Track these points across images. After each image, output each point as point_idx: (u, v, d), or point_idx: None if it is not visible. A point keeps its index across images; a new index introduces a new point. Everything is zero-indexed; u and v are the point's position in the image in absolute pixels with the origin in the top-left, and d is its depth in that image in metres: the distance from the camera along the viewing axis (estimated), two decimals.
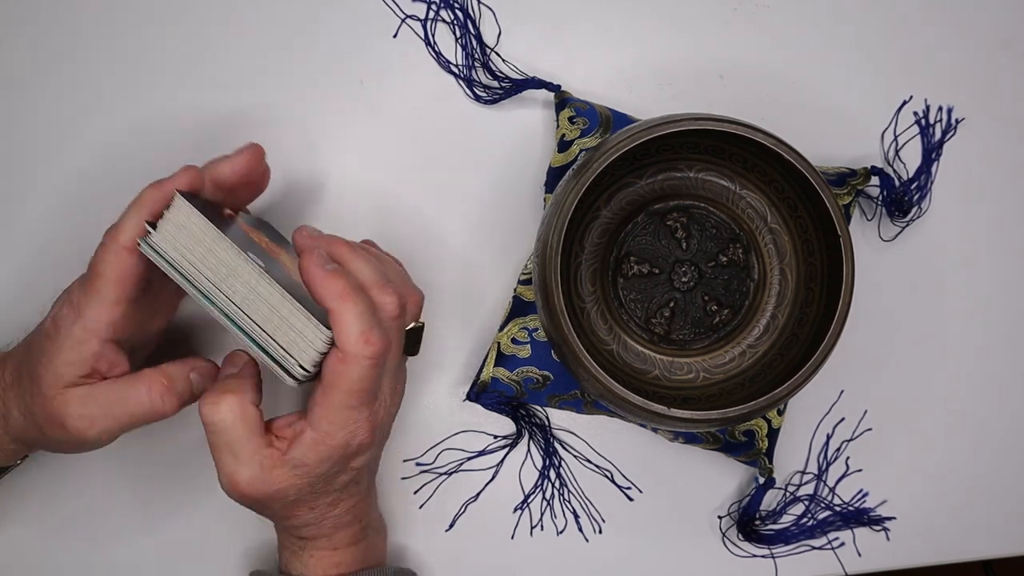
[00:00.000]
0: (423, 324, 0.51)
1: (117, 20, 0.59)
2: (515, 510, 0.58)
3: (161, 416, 0.46)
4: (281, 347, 0.43)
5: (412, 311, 0.49)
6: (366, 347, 0.42)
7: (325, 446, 0.44)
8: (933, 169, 0.61)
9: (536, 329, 0.56)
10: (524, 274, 0.57)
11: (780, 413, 0.56)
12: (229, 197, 0.49)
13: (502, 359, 0.56)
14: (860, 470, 0.59)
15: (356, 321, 0.42)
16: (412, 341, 0.50)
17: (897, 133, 0.61)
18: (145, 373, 0.46)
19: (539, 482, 0.58)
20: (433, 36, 0.59)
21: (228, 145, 0.49)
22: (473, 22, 0.59)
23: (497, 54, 0.59)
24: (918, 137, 0.61)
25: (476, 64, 0.59)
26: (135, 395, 0.45)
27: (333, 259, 0.45)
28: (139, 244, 0.43)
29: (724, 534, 0.58)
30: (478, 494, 0.58)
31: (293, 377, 0.44)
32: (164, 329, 0.51)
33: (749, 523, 0.57)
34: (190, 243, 0.43)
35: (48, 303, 0.48)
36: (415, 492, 0.58)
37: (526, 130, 0.59)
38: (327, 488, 0.47)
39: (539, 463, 0.58)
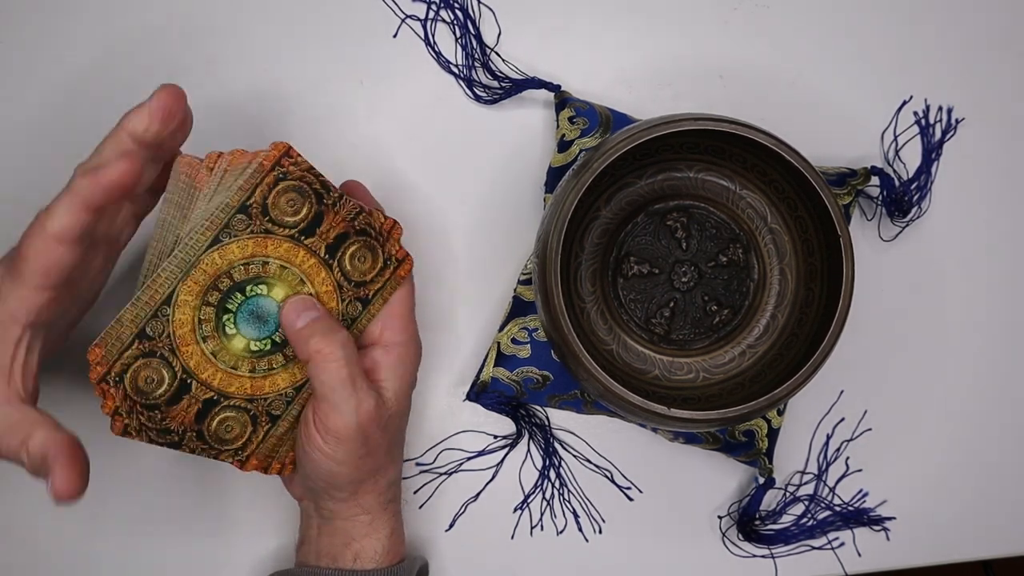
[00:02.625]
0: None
1: (117, 19, 0.59)
2: (515, 510, 0.58)
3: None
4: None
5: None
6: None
7: (404, 355, 0.49)
8: (933, 169, 0.61)
9: (536, 329, 0.56)
10: (524, 274, 0.57)
11: (780, 413, 0.56)
12: (157, 153, 0.46)
13: (502, 359, 0.56)
14: (860, 470, 0.59)
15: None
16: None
17: (897, 133, 0.61)
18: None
19: (539, 482, 0.58)
20: (433, 36, 0.59)
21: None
22: (473, 22, 0.59)
23: (497, 54, 0.59)
24: (918, 137, 0.61)
25: (476, 64, 0.59)
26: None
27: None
28: (284, 147, 0.46)
29: (724, 534, 0.58)
30: (478, 494, 0.58)
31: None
32: (80, 319, 0.50)
33: (749, 523, 0.57)
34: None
35: None
36: (415, 492, 0.58)
37: (526, 130, 0.59)
38: (402, 425, 0.51)
39: (539, 463, 0.58)
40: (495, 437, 0.58)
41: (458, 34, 0.59)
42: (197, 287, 0.45)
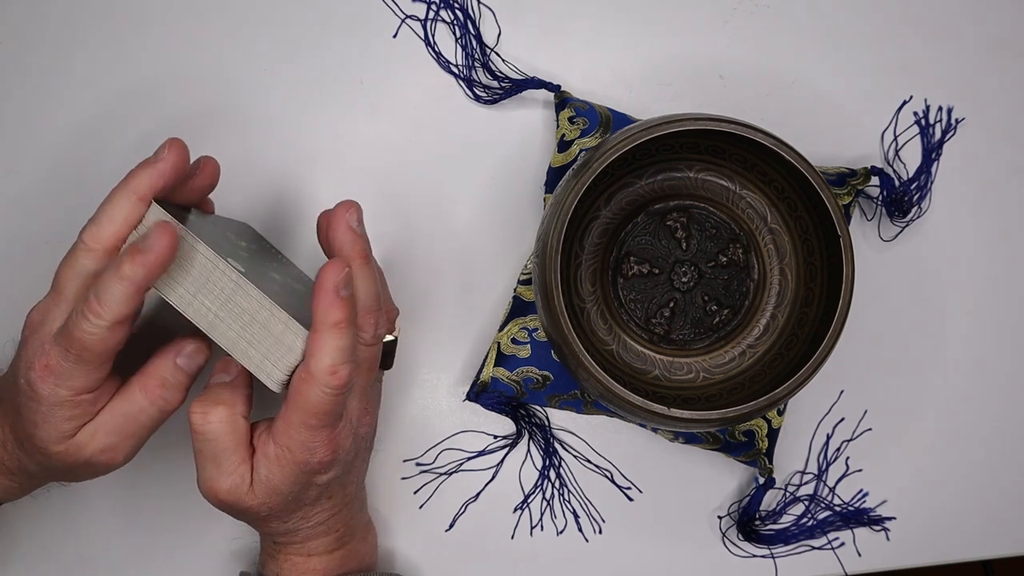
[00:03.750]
0: (395, 339, 0.51)
1: (115, 19, 0.59)
2: (515, 510, 0.58)
3: (171, 411, 0.46)
4: (259, 356, 0.43)
5: (386, 326, 0.49)
6: (331, 378, 0.42)
7: (286, 461, 0.44)
8: (933, 169, 0.61)
9: (536, 329, 0.56)
10: (524, 274, 0.57)
11: (780, 413, 0.56)
12: (181, 196, 0.48)
13: (502, 359, 0.56)
14: (860, 470, 0.59)
15: (332, 353, 0.42)
16: (385, 353, 0.50)
17: (897, 133, 0.61)
18: (134, 382, 0.45)
19: (539, 482, 0.58)
20: (433, 36, 0.59)
21: (225, 145, 0.49)
22: (473, 22, 0.59)
23: (497, 54, 0.59)
24: (918, 137, 0.61)
25: (476, 64, 0.59)
26: (137, 407, 0.45)
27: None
28: None
29: (724, 534, 0.58)
30: (478, 494, 0.58)
31: (273, 384, 0.44)
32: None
33: (749, 523, 0.57)
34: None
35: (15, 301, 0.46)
36: (415, 492, 0.58)
37: (526, 130, 0.59)
38: (298, 503, 0.47)
39: (539, 463, 0.58)
40: (495, 437, 0.58)
41: (458, 34, 0.59)
42: None
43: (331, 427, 0.44)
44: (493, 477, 0.58)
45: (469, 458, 0.58)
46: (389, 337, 0.50)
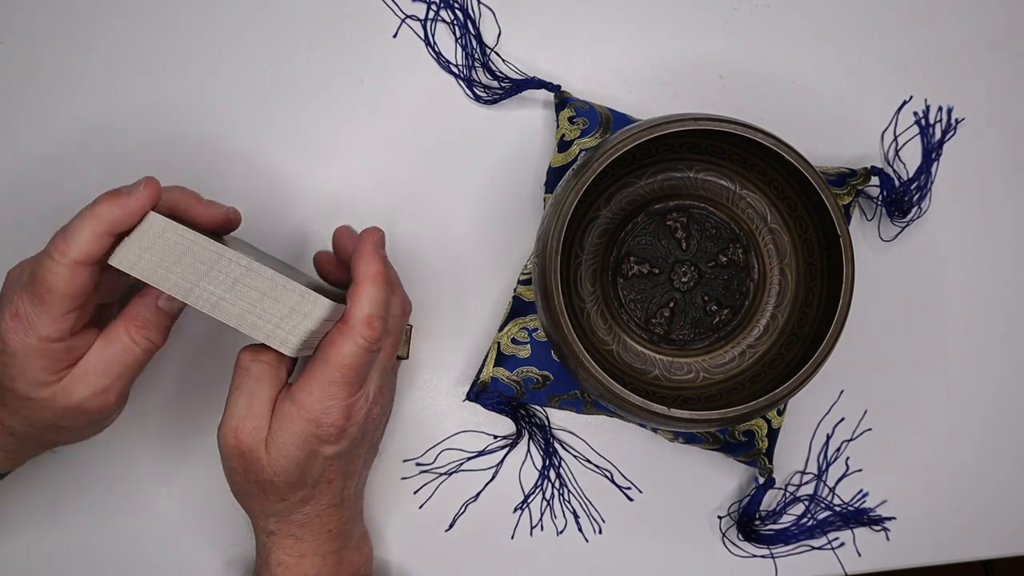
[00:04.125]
0: (411, 326, 0.54)
1: (114, 19, 0.59)
2: (515, 510, 0.58)
3: (154, 351, 0.47)
4: (270, 327, 0.44)
5: (405, 308, 0.52)
6: (367, 329, 0.45)
7: (298, 418, 0.45)
8: (933, 169, 0.61)
9: (536, 329, 0.56)
10: (524, 274, 0.57)
11: (780, 413, 0.56)
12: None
13: (502, 359, 0.56)
14: (860, 470, 0.59)
15: (371, 304, 0.45)
16: (402, 342, 0.52)
17: (897, 133, 0.61)
18: (117, 324, 0.46)
19: (539, 482, 0.58)
20: (433, 36, 0.59)
21: (225, 145, 0.49)
22: (473, 22, 0.59)
23: (497, 54, 0.59)
24: (918, 137, 0.61)
25: (476, 64, 0.59)
26: (122, 347, 0.46)
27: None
28: (111, 261, 0.44)
29: (724, 534, 0.58)
30: (478, 494, 0.58)
31: (288, 349, 0.45)
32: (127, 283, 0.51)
33: (749, 523, 0.57)
34: (164, 251, 0.44)
35: None
36: (415, 492, 0.58)
37: (526, 130, 0.59)
38: (301, 476, 0.47)
39: (539, 463, 0.58)
40: (495, 437, 0.58)
41: (458, 34, 0.59)
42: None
43: (350, 390, 0.45)
44: (493, 477, 0.58)
45: (469, 458, 0.58)
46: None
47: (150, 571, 0.56)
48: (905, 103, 0.61)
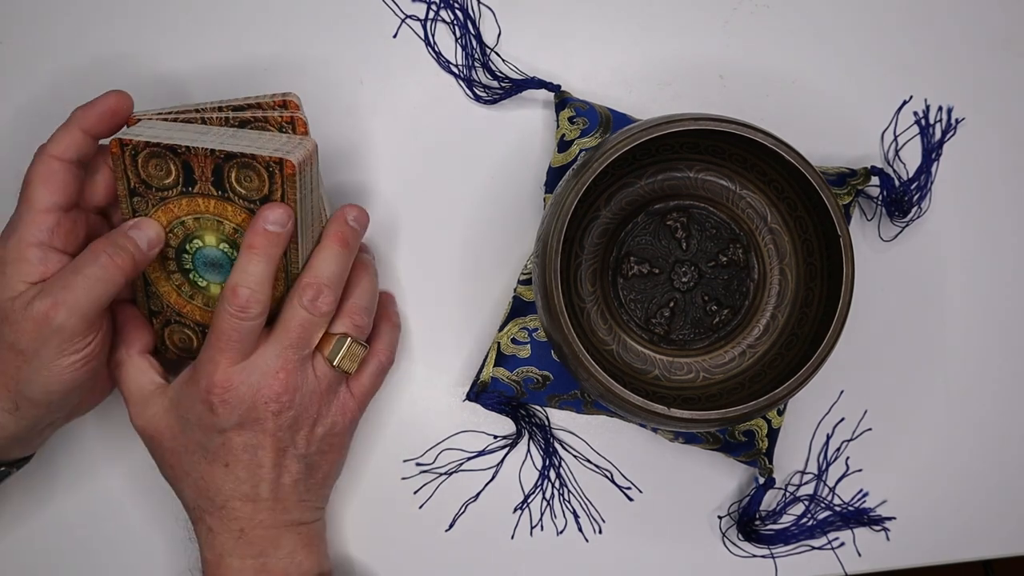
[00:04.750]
0: (365, 347, 0.51)
1: (113, 17, 0.59)
2: (515, 510, 0.58)
3: (123, 279, 0.46)
4: (272, 148, 0.46)
5: (357, 325, 0.50)
6: (232, 296, 0.46)
7: (187, 377, 0.48)
8: (933, 169, 0.61)
9: (536, 329, 0.56)
10: (524, 274, 0.57)
11: (780, 413, 0.56)
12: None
13: (502, 359, 0.56)
14: (860, 470, 0.59)
15: (238, 273, 0.46)
16: (336, 349, 0.49)
17: (897, 133, 0.61)
18: (89, 246, 0.46)
19: (539, 482, 0.58)
20: (433, 36, 0.59)
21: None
22: (473, 22, 0.59)
23: (497, 54, 0.59)
24: (918, 137, 0.61)
25: (476, 64, 0.59)
26: (89, 262, 0.45)
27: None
28: (118, 140, 0.46)
29: (724, 534, 0.58)
30: (478, 494, 0.58)
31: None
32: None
33: (749, 523, 0.57)
34: (159, 130, 0.47)
35: None
36: (415, 492, 0.58)
37: (526, 130, 0.59)
38: (194, 443, 0.48)
39: (539, 463, 0.58)
40: (495, 437, 0.58)
41: (458, 34, 0.59)
42: (155, 264, 0.50)
43: (225, 354, 0.46)
44: (493, 477, 0.58)
45: (469, 458, 0.58)
46: (357, 346, 0.50)
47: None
48: (905, 103, 0.61)
